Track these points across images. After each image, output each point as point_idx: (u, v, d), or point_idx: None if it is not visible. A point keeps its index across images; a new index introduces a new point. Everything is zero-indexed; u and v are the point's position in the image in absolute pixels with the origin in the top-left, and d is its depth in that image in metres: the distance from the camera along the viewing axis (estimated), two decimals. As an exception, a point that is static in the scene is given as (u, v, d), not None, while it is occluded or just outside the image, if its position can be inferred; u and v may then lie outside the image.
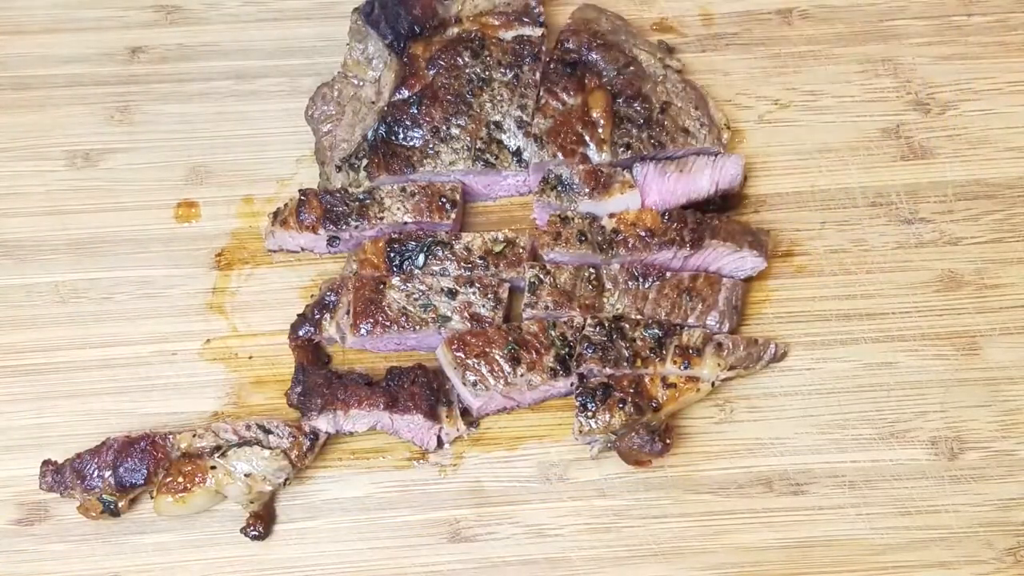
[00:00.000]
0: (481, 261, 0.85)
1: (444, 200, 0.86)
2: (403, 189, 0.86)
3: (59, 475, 0.81)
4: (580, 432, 0.80)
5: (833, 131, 0.93)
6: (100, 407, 0.85)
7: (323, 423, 0.82)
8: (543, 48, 0.91)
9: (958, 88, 0.95)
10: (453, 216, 0.86)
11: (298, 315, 0.85)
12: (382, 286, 0.84)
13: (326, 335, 0.84)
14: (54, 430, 0.84)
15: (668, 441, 0.80)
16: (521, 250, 0.85)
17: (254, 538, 0.81)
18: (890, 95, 0.94)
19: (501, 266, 0.85)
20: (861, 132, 0.93)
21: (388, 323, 0.83)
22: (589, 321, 0.82)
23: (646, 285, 0.84)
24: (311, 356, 0.85)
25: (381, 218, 0.86)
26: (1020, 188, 0.91)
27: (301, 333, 0.85)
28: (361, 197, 0.86)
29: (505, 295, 0.84)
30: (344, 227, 0.86)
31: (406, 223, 0.86)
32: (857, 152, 0.92)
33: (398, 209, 0.86)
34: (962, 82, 0.95)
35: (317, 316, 0.84)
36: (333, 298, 0.84)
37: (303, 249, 0.88)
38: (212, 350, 0.86)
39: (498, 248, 0.85)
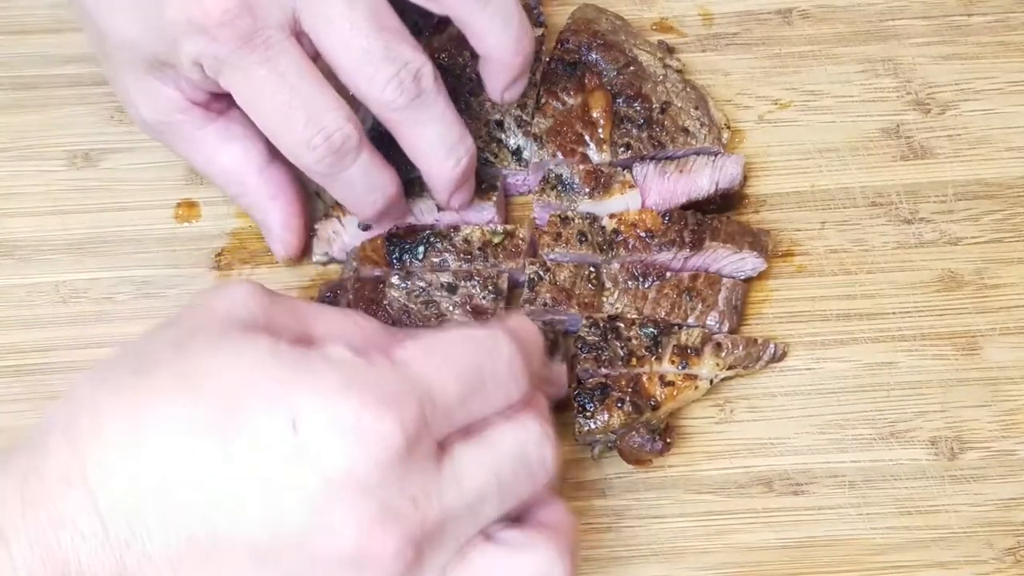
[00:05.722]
0: (480, 253, 0.84)
1: (485, 184, 0.86)
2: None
3: None
4: (580, 433, 0.80)
5: (833, 131, 0.93)
6: (100, 407, 0.85)
7: None
8: (543, 48, 0.91)
9: (958, 88, 0.94)
10: (495, 198, 0.86)
11: (297, 316, 0.85)
12: (381, 285, 0.83)
13: (325, 336, 0.84)
14: (54, 430, 0.84)
15: (669, 440, 0.80)
16: (520, 241, 0.85)
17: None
18: (890, 95, 0.94)
19: (500, 257, 0.84)
20: (861, 132, 0.93)
21: (390, 322, 0.82)
22: (584, 321, 0.82)
23: (646, 285, 0.84)
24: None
25: (421, 195, 0.85)
26: (1020, 188, 0.91)
27: (300, 334, 0.84)
28: None
29: (504, 285, 0.83)
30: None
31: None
32: (857, 152, 0.92)
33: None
34: (962, 82, 0.95)
35: (316, 317, 0.84)
36: (331, 297, 0.84)
37: (347, 254, 0.87)
38: (212, 350, 0.86)
39: (497, 239, 0.85)
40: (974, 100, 0.94)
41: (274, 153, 0.82)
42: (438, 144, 0.79)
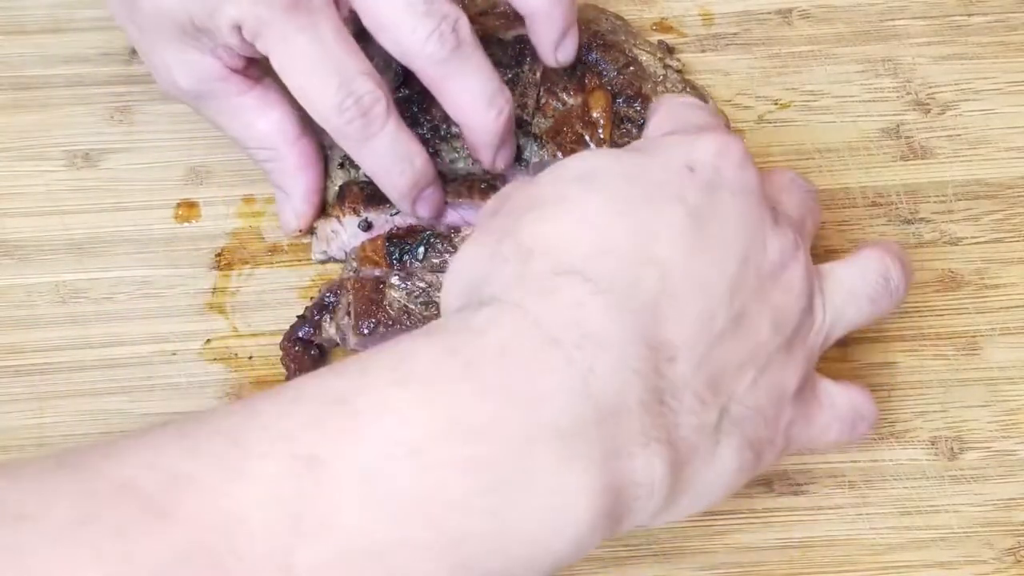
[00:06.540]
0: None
1: (484, 184, 0.86)
2: (443, 176, 0.86)
3: None
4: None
5: (833, 131, 0.93)
6: (100, 407, 0.84)
7: None
8: (543, 48, 0.91)
9: (958, 88, 0.95)
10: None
11: (297, 316, 0.85)
12: (382, 285, 0.83)
13: (325, 336, 0.84)
14: (54, 430, 0.84)
15: (669, 440, 0.80)
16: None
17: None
18: (890, 95, 0.94)
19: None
20: (861, 132, 0.93)
21: (390, 322, 0.82)
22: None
23: (646, 285, 0.83)
24: (304, 364, 0.84)
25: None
26: (1020, 188, 0.91)
27: (300, 334, 0.84)
28: None
29: (503, 286, 0.83)
30: (384, 208, 0.85)
31: (446, 203, 0.85)
32: (857, 152, 0.92)
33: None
34: (962, 82, 0.95)
35: (316, 317, 0.84)
36: (332, 299, 0.84)
37: (346, 254, 0.87)
38: (212, 350, 0.86)
39: (496, 240, 0.84)
40: (974, 100, 0.94)
41: (306, 125, 0.84)
42: (479, 94, 0.80)
